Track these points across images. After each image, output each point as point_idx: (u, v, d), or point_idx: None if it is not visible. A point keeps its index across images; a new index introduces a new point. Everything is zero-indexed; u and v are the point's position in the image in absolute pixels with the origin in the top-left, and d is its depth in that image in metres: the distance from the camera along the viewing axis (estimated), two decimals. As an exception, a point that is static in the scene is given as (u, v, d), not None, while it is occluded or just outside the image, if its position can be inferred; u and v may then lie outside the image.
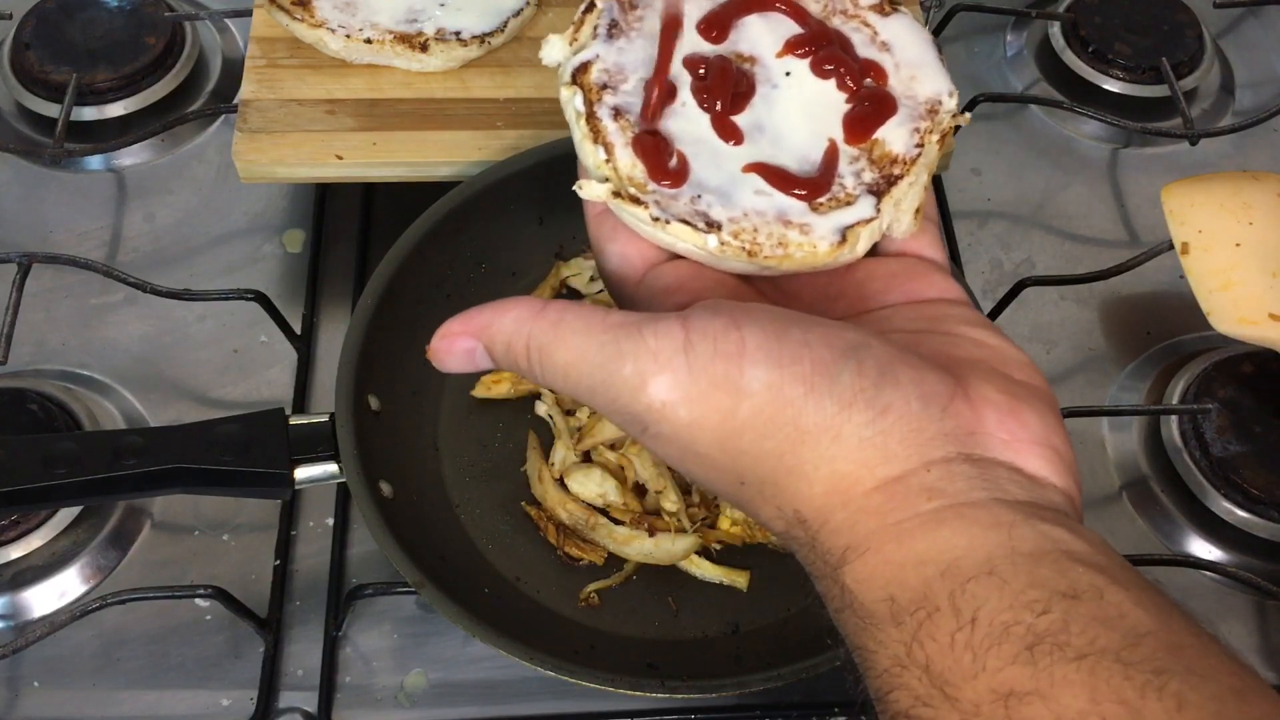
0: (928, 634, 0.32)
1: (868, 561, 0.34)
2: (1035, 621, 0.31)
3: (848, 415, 0.35)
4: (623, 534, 0.67)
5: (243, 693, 0.65)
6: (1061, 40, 0.93)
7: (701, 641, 0.66)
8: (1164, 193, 0.72)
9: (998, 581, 0.32)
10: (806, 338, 0.36)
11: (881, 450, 0.35)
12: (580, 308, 0.38)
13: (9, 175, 0.85)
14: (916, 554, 0.34)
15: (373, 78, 0.78)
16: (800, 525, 0.36)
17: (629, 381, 0.36)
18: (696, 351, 0.35)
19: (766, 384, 0.35)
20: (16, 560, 0.68)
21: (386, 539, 0.59)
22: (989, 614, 0.32)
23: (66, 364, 0.76)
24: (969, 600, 0.32)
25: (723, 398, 0.35)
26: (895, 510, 0.34)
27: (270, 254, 0.82)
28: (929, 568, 0.33)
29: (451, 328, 0.40)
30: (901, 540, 0.34)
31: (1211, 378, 0.75)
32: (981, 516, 0.34)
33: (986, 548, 0.33)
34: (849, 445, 0.35)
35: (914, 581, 0.33)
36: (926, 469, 0.35)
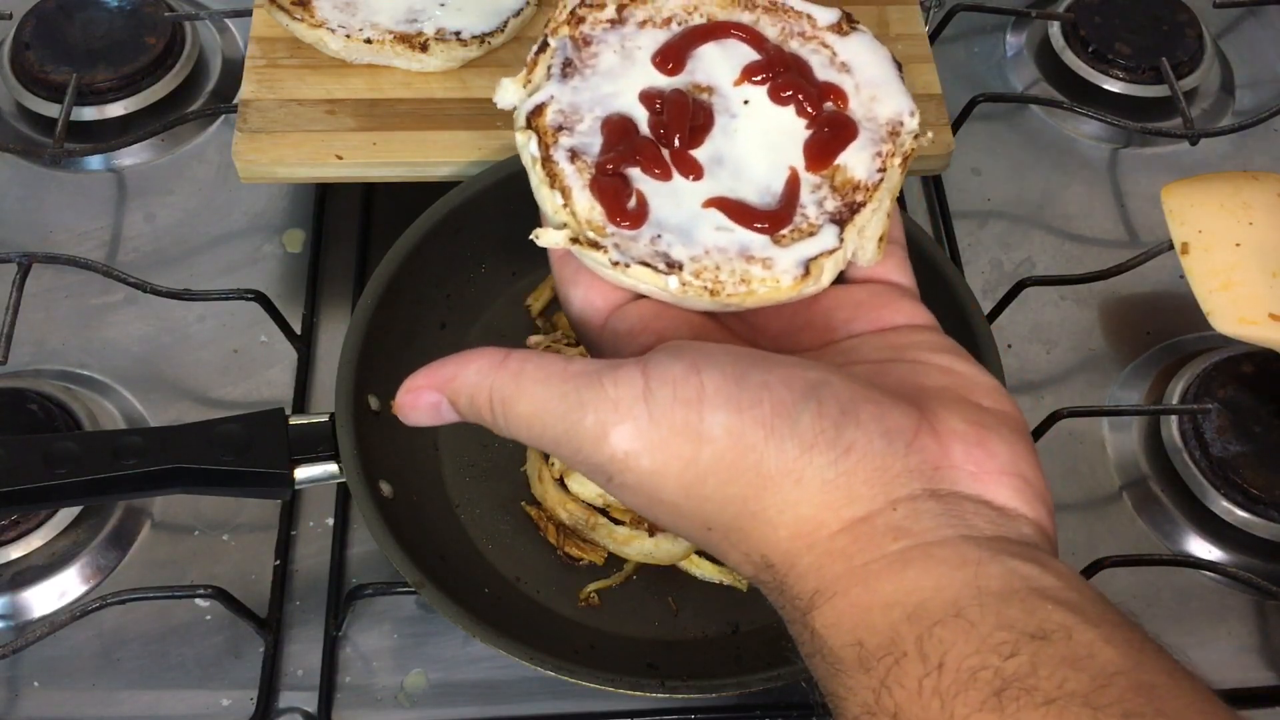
0: (895, 680, 0.32)
1: (835, 606, 0.34)
2: (1003, 665, 0.31)
3: (809, 458, 0.34)
4: (623, 534, 0.67)
5: (243, 693, 0.65)
6: (1061, 40, 0.93)
7: (701, 641, 0.66)
8: (1164, 193, 0.72)
9: (965, 624, 0.32)
10: (766, 379, 0.35)
11: (846, 491, 0.34)
12: (541, 358, 0.38)
13: (9, 175, 0.85)
14: (883, 597, 0.33)
15: (373, 78, 0.78)
16: (768, 570, 0.36)
17: (591, 432, 0.36)
18: (656, 399, 0.35)
19: (726, 429, 0.35)
20: (16, 560, 0.68)
21: (386, 539, 0.59)
22: (956, 658, 0.31)
23: (66, 364, 0.76)
24: (936, 644, 0.32)
25: (684, 444, 0.35)
26: (861, 552, 0.34)
27: (270, 254, 0.82)
28: (896, 611, 0.33)
29: (416, 382, 0.40)
30: (868, 583, 0.34)
31: (1211, 378, 0.75)
32: (948, 555, 0.33)
33: (953, 588, 0.33)
34: (812, 488, 0.34)
35: (881, 626, 0.33)
36: (892, 508, 0.34)
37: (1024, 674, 0.30)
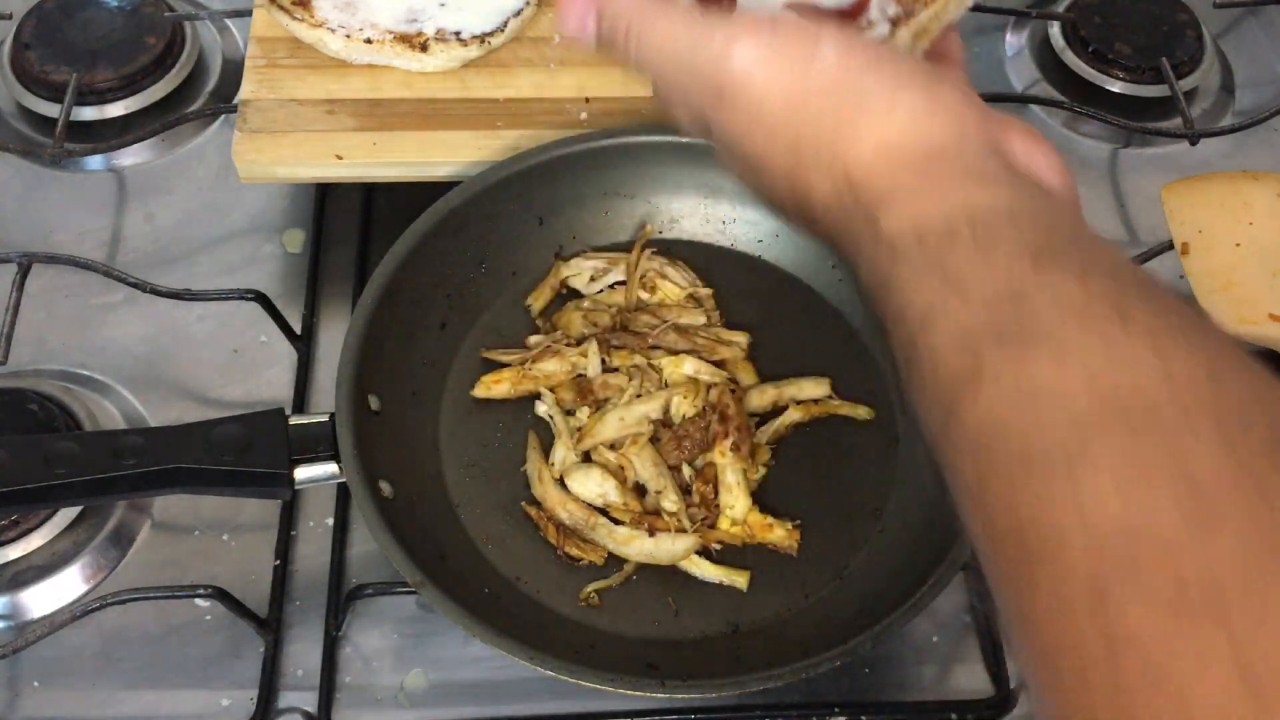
0: (947, 249, 0.37)
1: (902, 204, 0.39)
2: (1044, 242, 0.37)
3: (904, 93, 0.41)
4: (623, 534, 0.67)
5: (243, 693, 0.65)
6: (1061, 40, 0.93)
7: (701, 641, 0.66)
8: (1164, 192, 0.73)
9: (1013, 221, 0.38)
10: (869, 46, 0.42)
11: (928, 126, 0.40)
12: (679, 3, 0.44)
13: (9, 175, 0.85)
14: (947, 204, 0.39)
15: (373, 78, 0.78)
16: (846, 183, 0.41)
17: (716, 49, 0.41)
18: (780, 27, 0.42)
19: (838, 54, 0.41)
20: (16, 560, 0.68)
21: (386, 539, 0.59)
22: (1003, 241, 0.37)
23: (67, 364, 0.76)
24: (985, 230, 0.37)
25: (797, 64, 0.41)
26: (933, 172, 0.40)
27: (270, 254, 0.82)
28: (956, 211, 0.38)
29: None
30: (932, 195, 0.39)
31: (1211, 378, 0.75)
32: (1005, 186, 0.39)
33: (1008, 202, 0.38)
34: (900, 116, 0.40)
35: (939, 219, 0.38)
36: (962, 146, 0.40)
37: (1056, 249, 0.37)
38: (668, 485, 0.68)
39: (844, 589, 0.67)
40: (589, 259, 0.77)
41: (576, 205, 0.77)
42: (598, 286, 0.76)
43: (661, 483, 0.68)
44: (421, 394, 0.72)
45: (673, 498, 0.68)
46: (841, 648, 0.58)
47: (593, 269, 0.77)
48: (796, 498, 0.70)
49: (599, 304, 0.76)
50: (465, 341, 0.75)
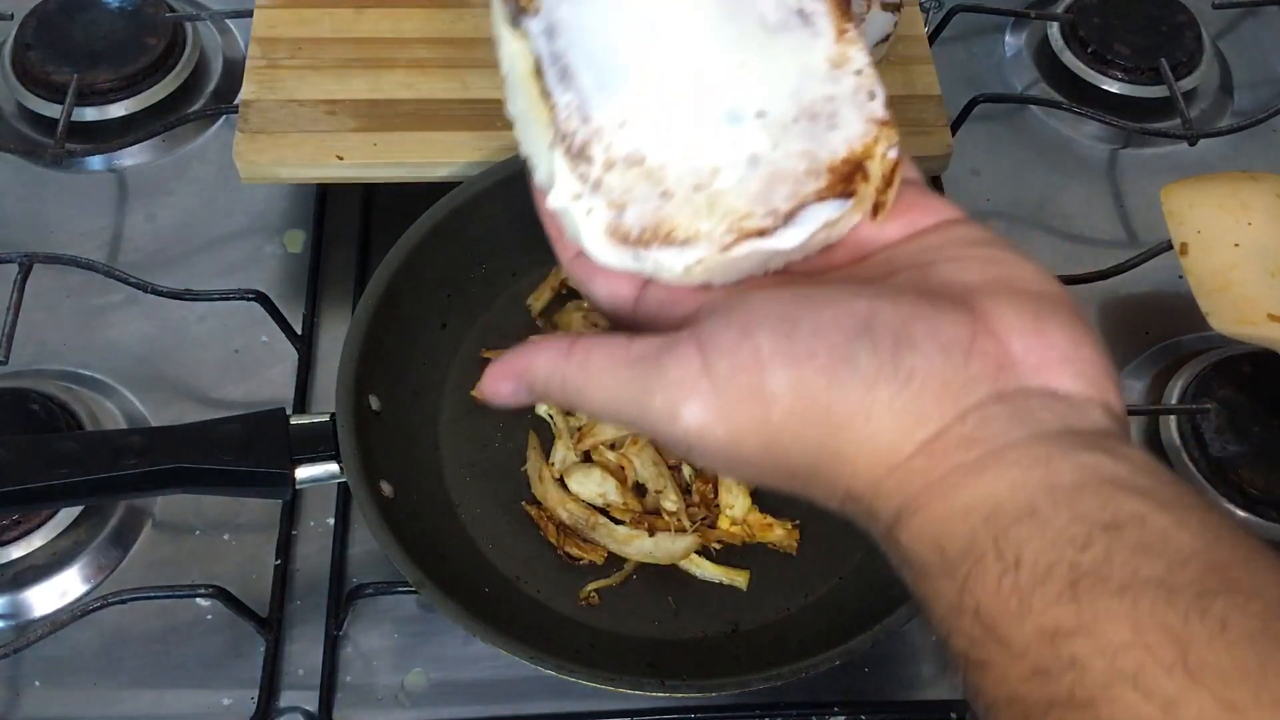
0: (976, 580, 0.33)
1: (918, 519, 0.35)
2: (1078, 557, 0.32)
3: (874, 394, 0.35)
4: (623, 533, 0.68)
5: (243, 692, 0.65)
6: (1060, 41, 0.93)
7: (701, 641, 0.66)
8: (1163, 193, 0.73)
9: (1039, 521, 0.33)
10: (817, 325, 0.36)
11: (915, 416, 0.35)
12: (603, 344, 0.39)
13: (10, 176, 0.85)
14: (961, 505, 0.34)
15: (373, 78, 0.78)
16: (853, 501, 0.37)
17: (661, 412, 0.37)
18: (716, 371, 0.36)
19: (789, 385, 0.35)
20: (17, 560, 0.68)
21: (387, 539, 0.59)
22: (1032, 555, 0.32)
23: (68, 364, 0.76)
24: (1012, 544, 0.33)
25: (753, 408, 0.36)
26: (937, 467, 0.35)
27: (271, 254, 0.82)
28: (974, 516, 0.34)
29: (495, 371, 0.42)
30: (946, 494, 0.35)
31: (1210, 378, 0.75)
32: (1020, 457, 0.34)
33: (1027, 489, 0.33)
34: (883, 421, 0.35)
35: (960, 531, 0.34)
36: (962, 420, 0.35)
37: (1098, 564, 0.31)
38: (668, 485, 0.68)
39: (844, 588, 0.67)
40: (589, 259, 0.77)
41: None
42: (598, 287, 0.76)
43: (661, 482, 0.69)
44: (422, 394, 0.72)
45: (673, 497, 0.68)
46: (841, 647, 0.58)
47: (593, 269, 0.77)
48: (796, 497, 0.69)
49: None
50: (465, 341, 0.75)
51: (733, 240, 0.38)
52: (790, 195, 0.39)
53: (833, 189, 0.39)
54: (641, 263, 0.39)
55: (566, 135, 0.39)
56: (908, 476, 0.35)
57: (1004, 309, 0.36)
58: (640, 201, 0.39)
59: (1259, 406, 0.74)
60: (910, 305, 0.36)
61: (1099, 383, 0.36)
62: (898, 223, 0.40)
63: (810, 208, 0.39)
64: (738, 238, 0.38)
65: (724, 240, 0.38)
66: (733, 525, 0.68)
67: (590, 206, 0.39)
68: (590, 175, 0.39)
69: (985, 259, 0.39)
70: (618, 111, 0.39)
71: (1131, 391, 0.78)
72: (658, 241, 0.39)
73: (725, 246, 0.38)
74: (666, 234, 0.39)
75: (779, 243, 0.38)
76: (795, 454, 0.37)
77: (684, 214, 0.39)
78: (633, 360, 0.38)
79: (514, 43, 0.41)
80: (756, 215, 0.39)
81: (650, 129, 0.39)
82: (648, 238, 0.39)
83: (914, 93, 0.80)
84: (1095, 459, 0.34)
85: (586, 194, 0.39)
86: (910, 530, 0.36)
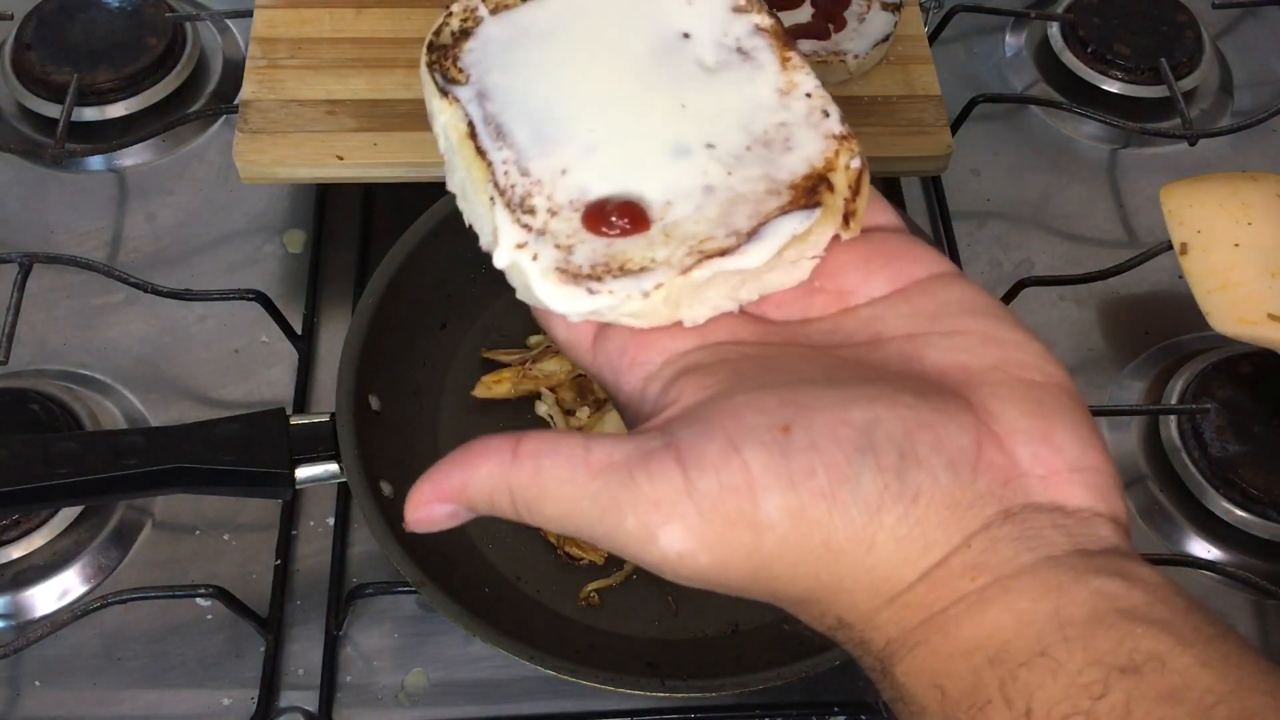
0: None
1: (916, 655, 0.32)
2: (1094, 707, 0.29)
3: (879, 521, 0.31)
4: (623, 534, 0.67)
5: (243, 692, 0.65)
6: (1060, 41, 0.93)
7: (701, 641, 0.66)
8: (1163, 193, 0.72)
9: (1051, 664, 0.30)
10: (812, 438, 0.32)
11: (920, 542, 0.32)
12: (557, 448, 0.34)
13: (10, 176, 0.85)
14: (965, 642, 0.31)
15: (374, 78, 0.78)
16: (843, 629, 0.34)
17: (635, 535, 0.32)
18: (700, 492, 0.32)
19: (785, 512, 0.31)
20: (17, 560, 0.68)
21: (387, 538, 0.59)
22: (1045, 704, 0.30)
23: (68, 364, 0.76)
24: (1021, 689, 0.30)
25: (742, 535, 0.32)
26: (940, 599, 0.32)
27: (271, 254, 0.82)
28: (978, 655, 0.31)
29: (422, 495, 0.35)
30: (948, 630, 0.32)
31: (1210, 378, 0.75)
32: (1028, 587, 0.31)
33: (1037, 624, 0.31)
34: (887, 550, 0.32)
35: (963, 672, 0.31)
36: (967, 545, 0.32)
37: (1118, 717, 0.29)
38: (667, 485, 0.68)
39: (843, 588, 0.67)
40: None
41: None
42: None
43: (661, 482, 0.68)
44: (422, 394, 0.72)
45: (672, 497, 0.68)
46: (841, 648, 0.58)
47: (593, 269, 0.77)
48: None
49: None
50: (465, 341, 0.75)
51: (693, 263, 0.36)
52: (752, 214, 0.37)
53: (796, 203, 0.37)
54: (595, 298, 0.35)
55: (505, 190, 0.38)
56: (907, 608, 0.32)
57: (1008, 407, 0.33)
58: (589, 242, 0.37)
59: (1259, 406, 0.74)
60: (910, 409, 0.33)
61: (1107, 495, 0.33)
62: (884, 274, 0.38)
63: (774, 223, 0.36)
64: (698, 260, 0.36)
65: (684, 263, 0.36)
66: (733, 525, 0.68)
67: (535, 252, 0.36)
68: (534, 224, 0.37)
69: (983, 337, 0.36)
70: (556, 162, 0.38)
71: (1131, 391, 0.78)
72: (610, 274, 0.36)
73: (685, 269, 0.35)
74: (620, 266, 0.36)
75: (743, 261, 0.36)
76: (785, 581, 0.33)
77: (637, 247, 0.36)
78: (596, 471, 0.33)
79: (446, 109, 0.40)
80: (717, 237, 0.36)
81: (592, 171, 0.38)
82: (600, 272, 0.36)
83: (914, 93, 0.80)
84: (1109, 585, 0.31)
85: (531, 241, 0.37)
86: (908, 666, 0.32)
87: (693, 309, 0.36)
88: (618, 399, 0.38)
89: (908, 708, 0.33)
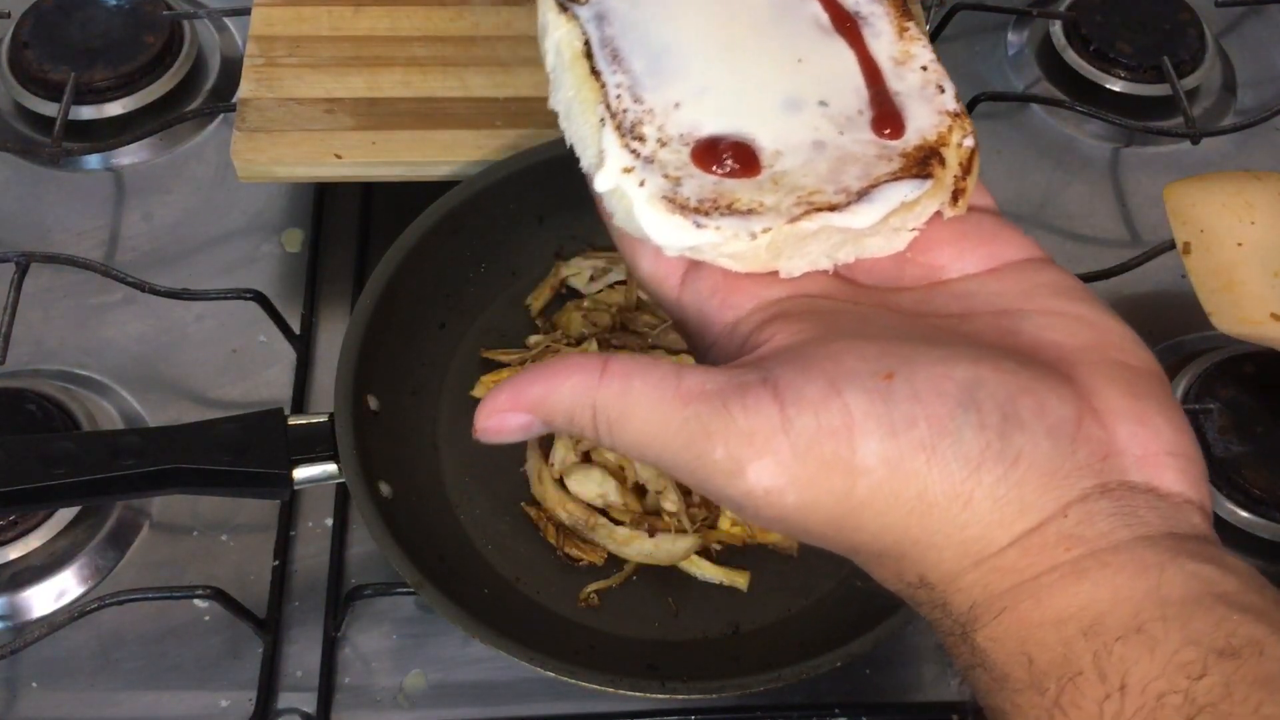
0: (1071, 701, 0.30)
1: (1002, 621, 0.32)
2: (1192, 688, 0.28)
3: (978, 478, 0.31)
4: (623, 534, 0.67)
5: (241, 693, 0.65)
6: (1063, 39, 0.93)
7: (701, 642, 0.66)
8: (1166, 192, 0.72)
9: (1148, 641, 0.29)
10: (914, 389, 0.31)
11: (1018, 505, 0.31)
12: (647, 371, 0.33)
13: (7, 174, 0.85)
14: (1056, 611, 0.31)
15: (372, 77, 0.78)
16: (924, 589, 0.33)
17: (723, 466, 0.32)
18: (797, 429, 0.31)
19: (883, 458, 0.31)
20: (14, 561, 0.68)
21: (386, 539, 0.59)
22: (1140, 679, 0.29)
23: (65, 364, 0.76)
24: (1116, 663, 0.29)
25: (835, 479, 0.31)
26: (1032, 565, 0.31)
27: (269, 253, 0.82)
28: (1070, 626, 0.30)
29: (499, 404, 0.34)
30: (1039, 597, 0.31)
31: (1213, 378, 0.75)
32: (1125, 562, 0.31)
33: (1133, 600, 0.30)
34: (982, 509, 0.31)
35: (1053, 642, 0.30)
36: (1064, 514, 0.31)
37: (1216, 699, 0.28)
38: (668, 485, 0.68)
39: (844, 590, 0.67)
40: (589, 258, 0.77)
41: (576, 205, 0.76)
42: (598, 286, 0.76)
43: (661, 483, 0.68)
44: (421, 394, 0.72)
45: (673, 498, 0.68)
46: (842, 649, 0.58)
47: (593, 268, 0.76)
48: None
49: (599, 303, 0.75)
50: (465, 341, 0.75)
51: (801, 213, 0.35)
52: (861, 175, 0.36)
53: (907, 170, 0.36)
54: (701, 232, 0.35)
55: (618, 113, 0.37)
56: (996, 572, 0.32)
57: (1105, 386, 0.33)
58: (696, 177, 0.36)
59: (1262, 406, 0.73)
60: (1014, 375, 0.32)
61: (1197, 484, 0.33)
62: (978, 253, 0.37)
63: (885, 187, 0.36)
64: (807, 210, 0.35)
65: (792, 212, 0.35)
66: (733, 526, 0.68)
67: (643, 178, 0.36)
68: (643, 151, 0.36)
69: (1078, 318, 0.35)
70: (671, 95, 0.37)
71: (1134, 391, 0.78)
72: (718, 211, 0.35)
73: (794, 219, 0.35)
74: (728, 205, 0.35)
75: (851, 219, 0.35)
76: (871, 532, 0.32)
77: (745, 189, 0.36)
78: (688, 398, 0.32)
79: (563, 25, 0.39)
80: (826, 192, 0.36)
81: (705, 110, 0.37)
82: (707, 207, 0.35)
83: (915, 91, 0.79)
84: (1205, 570, 0.30)
85: (640, 167, 0.36)
86: (992, 632, 0.32)
87: (791, 260, 0.36)
88: (701, 339, 0.37)
89: (988, 674, 0.32)
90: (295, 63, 0.78)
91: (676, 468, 0.33)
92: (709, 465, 0.32)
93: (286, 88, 0.77)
